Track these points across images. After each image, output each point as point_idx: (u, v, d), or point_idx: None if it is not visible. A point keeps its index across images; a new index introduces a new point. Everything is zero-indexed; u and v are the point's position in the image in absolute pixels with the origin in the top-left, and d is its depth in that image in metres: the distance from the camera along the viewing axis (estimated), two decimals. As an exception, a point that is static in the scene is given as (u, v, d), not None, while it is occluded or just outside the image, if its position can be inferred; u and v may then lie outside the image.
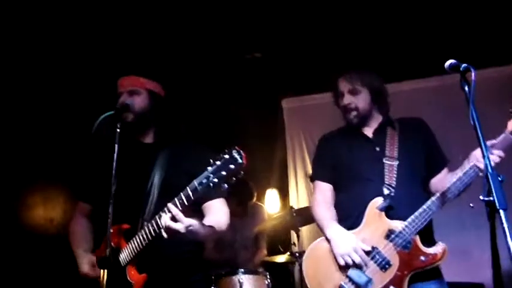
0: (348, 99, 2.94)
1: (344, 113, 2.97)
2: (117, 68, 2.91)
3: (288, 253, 4.56)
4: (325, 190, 2.99)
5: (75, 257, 2.71)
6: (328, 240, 2.77)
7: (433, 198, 2.63)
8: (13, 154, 4.64)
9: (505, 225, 1.81)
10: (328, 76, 3.10)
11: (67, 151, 4.71)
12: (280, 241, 5.27)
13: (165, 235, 2.21)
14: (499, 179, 1.92)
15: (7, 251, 4.44)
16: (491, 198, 1.88)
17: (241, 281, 3.93)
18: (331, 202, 2.97)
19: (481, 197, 1.90)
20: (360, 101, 2.94)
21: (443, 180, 2.81)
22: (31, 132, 4.77)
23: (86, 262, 2.64)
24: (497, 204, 1.85)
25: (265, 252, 5.10)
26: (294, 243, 4.85)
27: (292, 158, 6.03)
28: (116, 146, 2.32)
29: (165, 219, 2.19)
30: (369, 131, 2.99)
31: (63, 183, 4.89)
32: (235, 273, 4.00)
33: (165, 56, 4.92)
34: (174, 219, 2.19)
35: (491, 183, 1.90)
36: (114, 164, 2.29)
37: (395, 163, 2.81)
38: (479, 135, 2.01)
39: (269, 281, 4.06)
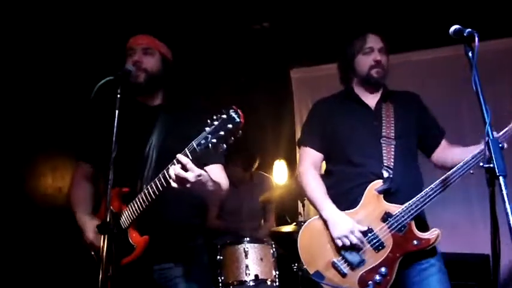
0: (378, 56, 2.85)
1: (370, 68, 2.85)
2: (124, 33, 2.88)
3: (294, 223, 4.58)
4: (315, 159, 2.93)
5: (78, 221, 2.68)
6: (323, 220, 2.74)
7: (432, 186, 2.60)
8: (21, 122, 4.65)
9: (504, 191, 1.81)
10: (351, 32, 2.99)
11: (75, 118, 4.70)
12: (287, 211, 5.28)
13: (174, 184, 2.17)
14: (500, 146, 1.90)
15: (15, 220, 4.47)
16: (491, 165, 1.87)
17: (246, 249, 3.95)
18: (319, 172, 2.93)
19: (481, 164, 1.89)
20: (386, 61, 2.88)
21: (445, 151, 2.82)
22: (40, 99, 4.76)
23: (91, 229, 2.58)
24: (496, 171, 1.84)
25: (273, 224, 5.12)
26: (300, 213, 4.87)
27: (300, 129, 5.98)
28: (117, 111, 2.29)
29: (174, 169, 2.15)
30: (370, 101, 2.92)
31: (72, 152, 4.89)
32: (241, 242, 4.02)
33: (174, 25, 4.88)
34: (184, 168, 2.15)
35: (491, 149, 1.89)
36: (115, 129, 2.27)
37: (393, 143, 2.77)
38: (481, 101, 1.98)
39: (274, 249, 4.08)
